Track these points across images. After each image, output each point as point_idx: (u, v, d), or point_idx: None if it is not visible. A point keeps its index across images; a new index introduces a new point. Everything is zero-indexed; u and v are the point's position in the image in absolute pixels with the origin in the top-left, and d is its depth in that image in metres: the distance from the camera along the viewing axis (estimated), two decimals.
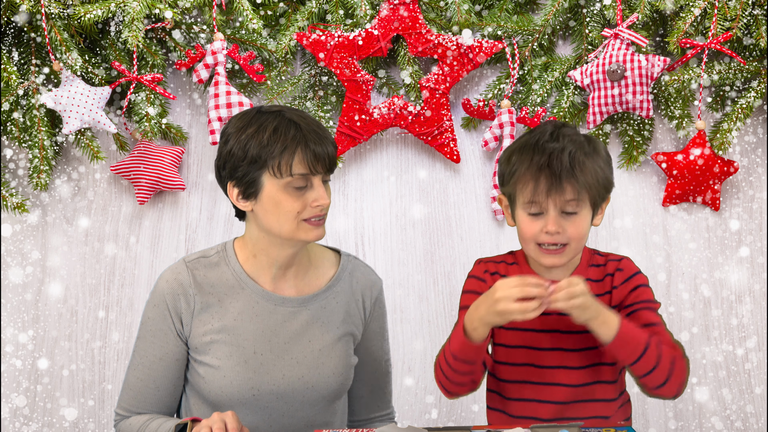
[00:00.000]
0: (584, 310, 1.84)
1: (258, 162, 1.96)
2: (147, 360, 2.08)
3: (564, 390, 1.99)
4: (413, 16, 2.81)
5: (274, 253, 2.06)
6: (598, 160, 1.95)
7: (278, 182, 1.96)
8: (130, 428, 2.08)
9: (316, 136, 1.97)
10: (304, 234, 2.00)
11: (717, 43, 2.74)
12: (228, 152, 1.99)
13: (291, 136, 1.95)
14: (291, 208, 1.97)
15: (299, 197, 1.97)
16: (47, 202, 2.91)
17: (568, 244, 1.94)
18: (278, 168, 1.95)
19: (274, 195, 1.97)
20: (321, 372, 2.08)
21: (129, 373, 2.11)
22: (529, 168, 1.92)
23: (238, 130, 1.99)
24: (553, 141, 1.93)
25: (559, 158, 1.91)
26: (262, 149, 1.95)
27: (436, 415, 2.90)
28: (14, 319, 2.91)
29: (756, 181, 2.90)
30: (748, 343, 2.88)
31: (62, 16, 2.77)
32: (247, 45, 2.84)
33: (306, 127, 1.97)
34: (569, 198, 1.91)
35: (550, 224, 1.92)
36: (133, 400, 2.10)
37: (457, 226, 2.92)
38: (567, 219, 1.93)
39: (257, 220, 2.03)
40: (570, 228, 1.93)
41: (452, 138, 2.87)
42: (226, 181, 2.02)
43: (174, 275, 2.07)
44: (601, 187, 1.95)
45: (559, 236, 1.93)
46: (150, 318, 2.09)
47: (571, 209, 1.92)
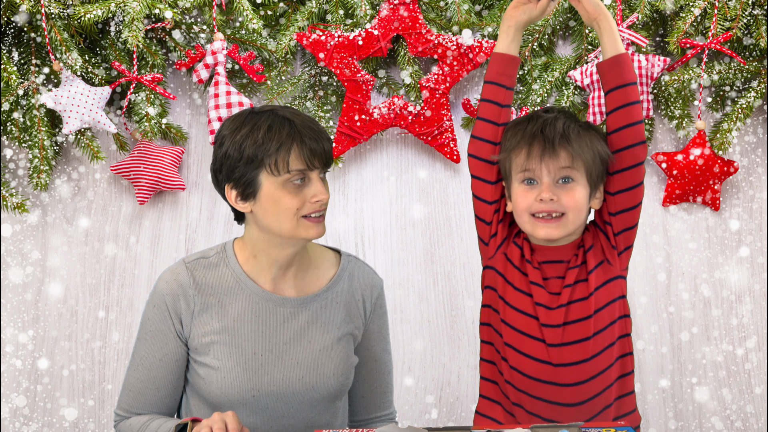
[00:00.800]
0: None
1: (255, 161, 1.95)
2: (147, 361, 2.08)
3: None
4: (413, 16, 2.81)
5: (274, 254, 2.06)
6: (593, 133, 1.96)
7: (276, 180, 1.96)
8: (129, 429, 2.08)
9: (310, 132, 1.97)
10: (304, 232, 2.00)
11: (717, 43, 2.74)
12: (224, 154, 1.99)
13: (286, 133, 1.95)
14: (290, 204, 1.97)
15: (298, 194, 1.97)
16: (47, 202, 2.91)
17: (564, 215, 1.93)
18: (275, 165, 1.95)
19: (272, 193, 1.97)
20: (321, 372, 2.08)
21: (128, 374, 2.11)
22: (522, 137, 1.94)
23: (232, 132, 1.98)
24: (547, 112, 1.97)
25: (553, 125, 1.93)
26: (258, 148, 1.95)
27: (436, 415, 2.90)
28: (14, 319, 2.91)
29: (756, 181, 2.90)
30: (748, 343, 2.88)
31: (62, 16, 2.77)
32: (247, 45, 2.84)
33: (300, 123, 1.97)
34: (563, 164, 1.91)
35: (544, 191, 1.91)
36: (133, 401, 2.10)
37: (457, 226, 2.93)
38: (562, 188, 1.92)
39: (257, 220, 2.02)
40: (565, 197, 1.92)
41: (452, 138, 2.87)
42: (224, 183, 2.02)
43: (173, 276, 2.07)
44: (597, 160, 1.93)
45: (553, 203, 1.92)
46: (149, 319, 2.08)
47: (566, 175, 1.91)
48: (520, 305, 2.00)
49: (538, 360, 1.98)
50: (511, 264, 2.02)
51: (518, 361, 2.00)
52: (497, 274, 2.04)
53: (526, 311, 1.99)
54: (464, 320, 2.91)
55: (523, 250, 2.01)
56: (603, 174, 1.97)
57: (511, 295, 2.01)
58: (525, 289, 2.00)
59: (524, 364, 1.99)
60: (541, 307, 1.98)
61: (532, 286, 1.99)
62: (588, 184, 1.94)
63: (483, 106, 2.02)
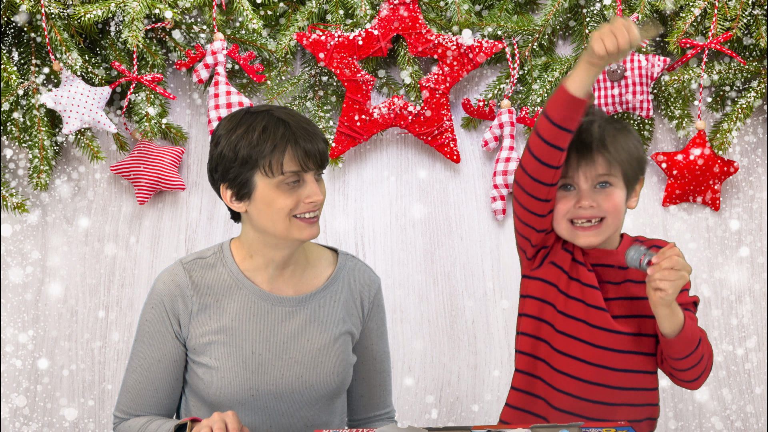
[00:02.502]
0: (675, 290, 1.78)
1: (249, 162, 1.95)
2: (145, 362, 2.08)
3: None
4: (413, 16, 2.81)
5: (270, 254, 2.06)
6: (630, 135, 1.93)
7: (270, 181, 1.96)
8: (129, 430, 2.08)
9: (305, 133, 1.96)
10: (297, 232, 2.00)
11: (717, 43, 2.74)
12: (219, 154, 1.99)
13: (280, 134, 1.95)
14: (284, 205, 1.97)
15: (292, 194, 1.97)
16: (47, 202, 2.91)
17: (604, 219, 1.91)
18: (269, 167, 1.95)
19: (266, 194, 1.97)
20: (319, 371, 2.08)
21: (127, 376, 2.11)
22: None
23: (227, 132, 1.98)
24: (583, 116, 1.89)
25: (589, 130, 1.89)
26: (253, 149, 1.95)
27: (436, 415, 2.90)
28: (14, 319, 2.91)
29: (756, 181, 2.90)
30: (748, 343, 2.88)
31: (62, 16, 2.77)
32: (247, 45, 2.84)
33: (295, 125, 1.97)
34: (601, 171, 1.89)
35: (584, 198, 1.89)
36: (132, 402, 2.10)
37: (457, 226, 2.93)
38: (600, 192, 1.90)
39: (251, 220, 2.03)
40: (604, 201, 1.90)
41: (452, 138, 2.87)
42: (219, 183, 2.02)
43: (171, 277, 2.07)
44: (634, 162, 1.91)
45: (593, 210, 1.89)
46: (147, 320, 2.08)
47: (604, 180, 1.89)
48: (574, 312, 1.97)
49: (592, 364, 1.96)
50: (562, 271, 1.98)
51: (570, 367, 1.97)
52: (547, 284, 1.99)
53: (579, 317, 1.97)
54: (464, 320, 2.91)
55: (574, 254, 1.98)
56: (638, 174, 1.95)
57: (565, 302, 1.98)
58: (578, 296, 1.97)
59: (576, 369, 1.97)
60: (596, 310, 1.96)
61: (587, 290, 1.96)
62: (625, 186, 1.93)
63: (546, 151, 1.84)
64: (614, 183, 1.91)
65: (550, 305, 1.99)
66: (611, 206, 1.90)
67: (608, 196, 1.91)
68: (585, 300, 1.96)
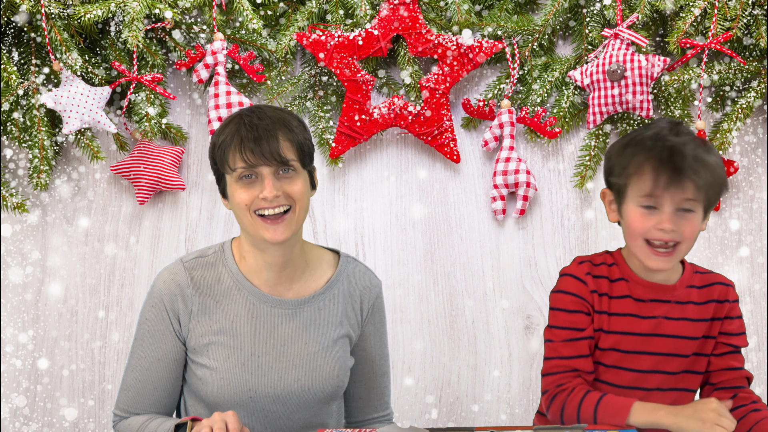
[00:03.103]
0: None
1: (217, 161, 2.04)
2: (145, 361, 2.08)
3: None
4: (413, 16, 2.81)
5: (260, 255, 2.07)
6: (717, 159, 1.89)
7: (230, 178, 2.03)
8: (128, 429, 2.08)
9: (254, 130, 1.98)
10: (263, 231, 2.02)
11: (717, 43, 2.74)
12: (209, 154, 2.08)
13: (230, 132, 2.00)
14: (240, 199, 2.01)
15: (247, 190, 2.01)
16: (47, 202, 2.91)
17: (679, 244, 1.89)
18: (228, 164, 2.01)
19: (231, 191, 2.04)
20: (317, 374, 2.08)
21: (127, 374, 2.11)
22: (648, 159, 1.86)
23: (216, 133, 2.06)
24: (675, 135, 1.87)
25: (682, 153, 1.85)
26: (216, 149, 2.03)
27: (436, 415, 2.90)
28: (14, 319, 2.91)
29: (756, 181, 2.90)
30: (749, 343, 2.88)
31: (62, 16, 2.77)
32: (247, 45, 2.84)
33: (249, 123, 2.00)
34: (688, 196, 1.86)
35: (666, 221, 1.87)
36: (132, 401, 2.10)
37: (457, 226, 2.92)
38: (682, 217, 1.88)
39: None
40: (685, 227, 1.88)
41: (452, 138, 2.87)
42: (217, 184, 2.11)
43: (171, 276, 2.08)
44: (717, 188, 1.89)
45: (674, 234, 1.87)
46: (147, 319, 2.09)
47: (688, 207, 1.86)
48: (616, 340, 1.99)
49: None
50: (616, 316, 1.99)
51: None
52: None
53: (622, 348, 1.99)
54: (464, 320, 2.91)
55: (632, 295, 1.98)
56: (718, 198, 1.93)
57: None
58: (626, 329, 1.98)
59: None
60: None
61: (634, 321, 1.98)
62: (703, 211, 1.91)
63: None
64: (696, 209, 1.88)
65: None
66: (690, 233, 1.88)
67: (689, 222, 1.88)
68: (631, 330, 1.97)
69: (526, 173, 2.83)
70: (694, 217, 1.88)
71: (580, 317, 1.97)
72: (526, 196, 2.86)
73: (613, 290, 1.97)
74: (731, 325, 2.04)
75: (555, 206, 2.92)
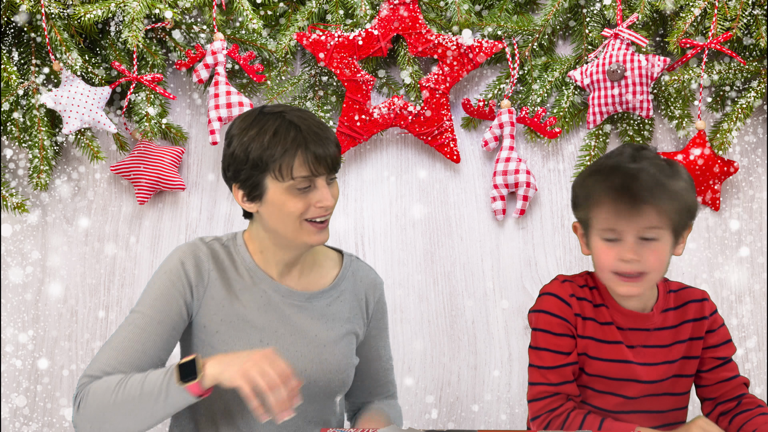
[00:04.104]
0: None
1: (260, 165, 1.95)
2: (142, 321, 1.98)
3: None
4: (413, 16, 2.81)
5: (280, 253, 2.06)
6: (681, 182, 1.83)
7: (281, 185, 1.95)
8: (102, 388, 1.90)
9: (316, 137, 1.95)
10: (307, 237, 1.99)
11: (717, 43, 2.74)
12: (231, 154, 1.98)
13: (291, 138, 1.93)
14: (294, 209, 1.96)
15: (302, 198, 1.96)
16: (47, 202, 2.91)
17: (645, 273, 1.84)
18: (279, 171, 1.94)
19: (277, 197, 1.96)
20: (324, 368, 2.08)
21: (112, 338, 1.98)
22: (605, 190, 1.81)
23: (240, 132, 1.98)
24: (633, 162, 1.81)
25: (638, 180, 1.79)
26: (263, 152, 1.94)
27: (436, 415, 2.90)
28: (14, 319, 2.91)
29: (756, 181, 2.90)
30: (748, 343, 2.88)
31: (62, 16, 2.77)
32: (247, 45, 2.84)
33: (306, 129, 1.95)
34: (649, 225, 1.80)
35: (627, 252, 1.81)
36: (113, 360, 1.95)
37: (457, 226, 2.93)
38: (646, 246, 1.82)
39: (263, 221, 2.03)
40: (650, 256, 1.82)
41: (452, 138, 2.87)
42: (231, 183, 2.02)
43: (191, 249, 2.04)
44: (684, 213, 1.83)
45: (637, 264, 1.82)
46: (156, 284, 2.01)
47: (651, 236, 1.80)
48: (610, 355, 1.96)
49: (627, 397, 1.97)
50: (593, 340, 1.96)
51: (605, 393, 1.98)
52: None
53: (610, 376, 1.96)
54: (464, 320, 2.91)
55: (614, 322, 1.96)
56: (687, 222, 1.86)
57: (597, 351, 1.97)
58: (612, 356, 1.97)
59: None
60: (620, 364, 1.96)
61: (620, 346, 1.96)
62: (672, 236, 1.84)
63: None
64: (660, 236, 1.82)
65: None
66: (655, 262, 1.83)
67: (653, 251, 1.82)
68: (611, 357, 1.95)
69: (526, 173, 2.83)
70: (658, 245, 1.82)
71: (565, 341, 1.93)
72: (526, 196, 2.86)
73: (597, 316, 1.94)
74: (713, 338, 2.00)
75: (555, 206, 2.92)
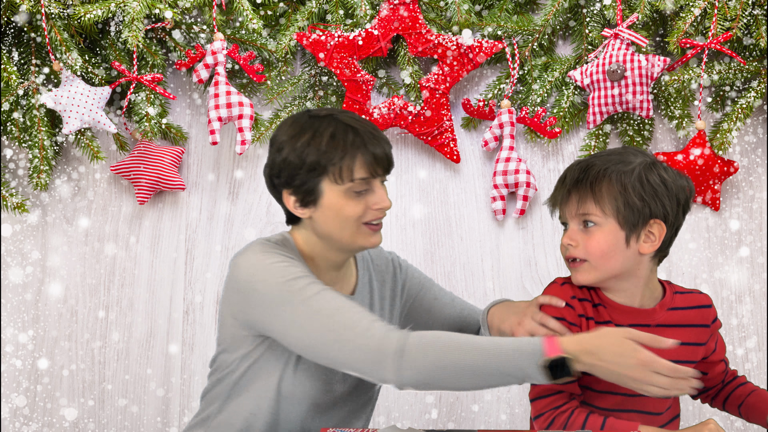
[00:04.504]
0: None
1: (317, 169, 1.91)
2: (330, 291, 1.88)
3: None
4: (413, 16, 2.81)
5: (332, 257, 2.01)
6: (628, 177, 1.87)
7: (339, 188, 1.92)
8: (435, 346, 1.80)
9: (373, 138, 1.93)
10: (363, 239, 1.96)
11: (717, 43, 2.74)
12: (283, 160, 1.93)
13: (350, 140, 1.91)
14: (353, 212, 1.93)
15: (360, 201, 1.93)
16: (47, 202, 2.91)
17: (585, 260, 1.89)
18: (340, 174, 1.91)
19: (335, 201, 1.93)
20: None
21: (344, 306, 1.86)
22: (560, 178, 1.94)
23: (291, 138, 1.93)
24: (600, 155, 1.91)
25: (575, 169, 1.90)
26: (321, 156, 1.90)
27: (436, 415, 2.90)
28: (14, 319, 2.91)
29: (756, 181, 2.90)
30: (748, 343, 2.88)
31: (62, 16, 2.77)
32: (247, 45, 2.84)
33: (363, 130, 1.92)
34: (582, 211, 1.88)
35: (565, 236, 1.90)
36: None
37: (457, 226, 2.92)
38: (585, 232, 1.88)
39: (315, 226, 1.98)
40: (587, 242, 1.88)
41: (452, 138, 2.87)
42: (281, 189, 1.97)
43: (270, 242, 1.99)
44: (628, 206, 1.86)
45: (573, 249, 1.89)
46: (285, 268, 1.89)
47: (591, 222, 1.87)
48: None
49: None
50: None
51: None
52: None
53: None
54: None
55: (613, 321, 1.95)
56: (642, 218, 1.88)
57: None
58: None
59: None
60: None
61: None
62: (621, 227, 1.88)
63: None
64: (599, 223, 1.87)
65: None
66: (594, 248, 1.88)
67: (590, 237, 1.88)
68: None
69: (526, 173, 2.83)
70: (596, 230, 1.87)
71: None
72: (526, 196, 2.86)
73: (596, 315, 1.95)
74: (713, 343, 2.03)
75: None
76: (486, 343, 1.79)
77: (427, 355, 1.79)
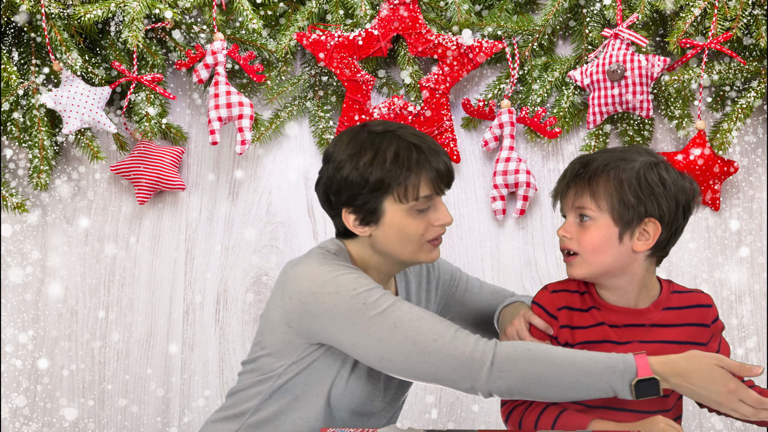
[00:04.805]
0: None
1: (381, 189, 1.89)
2: (406, 304, 1.87)
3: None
4: (413, 16, 2.81)
5: (387, 269, 2.00)
6: (626, 174, 1.87)
7: (402, 207, 1.90)
8: (526, 357, 1.82)
9: (435, 155, 1.91)
10: (424, 256, 1.95)
11: (717, 43, 2.74)
12: (344, 179, 1.90)
13: (414, 159, 1.89)
14: (416, 230, 1.92)
15: (423, 219, 1.92)
16: (47, 202, 2.91)
17: (578, 254, 1.90)
18: (405, 193, 1.89)
19: (398, 220, 1.91)
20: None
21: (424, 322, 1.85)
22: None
23: (352, 156, 1.90)
24: (603, 152, 1.93)
25: (576, 163, 1.92)
26: (386, 175, 1.88)
27: (436, 415, 2.90)
28: (14, 319, 2.91)
29: (756, 181, 2.90)
30: (748, 343, 2.88)
31: (62, 16, 2.77)
32: (247, 45, 2.84)
33: (426, 148, 1.91)
34: (578, 204, 1.89)
35: (560, 228, 1.92)
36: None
37: (457, 226, 2.92)
38: (580, 226, 1.90)
39: (374, 243, 1.96)
40: (581, 236, 1.89)
41: (452, 138, 2.87)
42: (341, 208, 1.93)
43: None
44: (623, 203, 1.87)
45: (568, 241, 1.90)
46: (357, 280, 1.88)
47: (586, 216, 1.89)
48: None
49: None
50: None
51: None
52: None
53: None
54: None
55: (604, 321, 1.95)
56: (637, 216, 1.88)
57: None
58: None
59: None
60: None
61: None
62: (615, 223, 1.88)
63: None
64: (594, 217, 1.89)
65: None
66: (586, 241, 1.89)
67: (584, 231, 1.89)
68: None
69: (526, 173, 2.83)
70: (590, 224, 1.88)
71: None
72: (526, 196, 2.86)
73: (586, 321, 1.95)
74: (715, 344, 2.02)
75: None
76: (578, 357, 1.81)
77: (519, 366, 1.80)
